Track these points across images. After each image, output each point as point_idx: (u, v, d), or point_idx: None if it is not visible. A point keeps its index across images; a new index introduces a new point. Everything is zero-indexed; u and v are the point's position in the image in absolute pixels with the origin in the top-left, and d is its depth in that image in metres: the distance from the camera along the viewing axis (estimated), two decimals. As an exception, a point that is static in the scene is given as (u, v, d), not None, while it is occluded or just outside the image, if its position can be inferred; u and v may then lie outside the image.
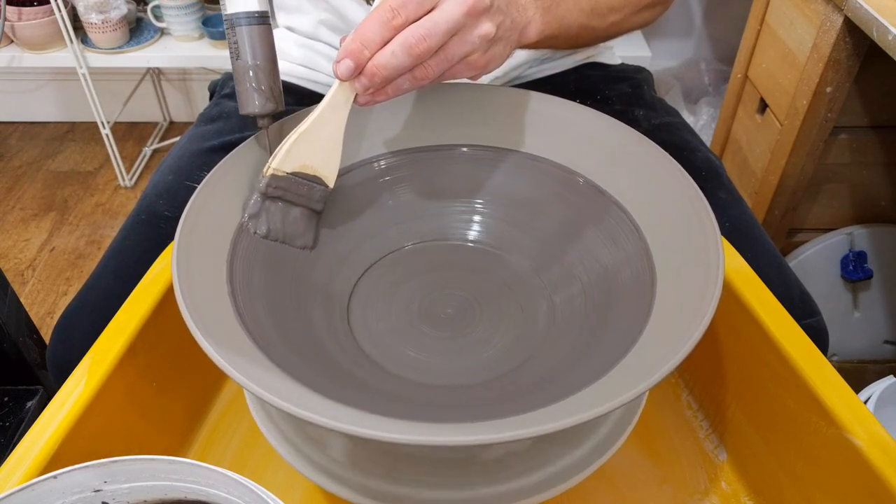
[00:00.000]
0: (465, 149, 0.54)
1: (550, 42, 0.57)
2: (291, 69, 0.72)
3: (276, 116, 0.48)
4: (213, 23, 1.53)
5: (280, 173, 0.45)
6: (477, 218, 0.54)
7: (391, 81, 0.43)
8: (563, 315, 0.48)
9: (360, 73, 0.42)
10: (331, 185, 0.48)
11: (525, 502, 0.39)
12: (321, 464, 0.41)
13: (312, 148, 0.46)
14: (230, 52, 0.46)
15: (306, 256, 0.49)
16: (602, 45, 0.76)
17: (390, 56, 0.41)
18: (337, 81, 0.43)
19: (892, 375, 0.91)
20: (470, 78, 0.47)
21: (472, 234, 0.54)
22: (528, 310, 0.49)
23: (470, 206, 0.54)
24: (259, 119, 0.47)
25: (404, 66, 0.41)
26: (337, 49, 0.69)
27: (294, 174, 0.46)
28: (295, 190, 0.46)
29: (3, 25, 1.48)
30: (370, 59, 0.41)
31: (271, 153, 0.46)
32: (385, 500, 0.40)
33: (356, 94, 0.44)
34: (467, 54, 0.44)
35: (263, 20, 0.46)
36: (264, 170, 0.45)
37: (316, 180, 0.47)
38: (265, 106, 0.46)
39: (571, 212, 0.51)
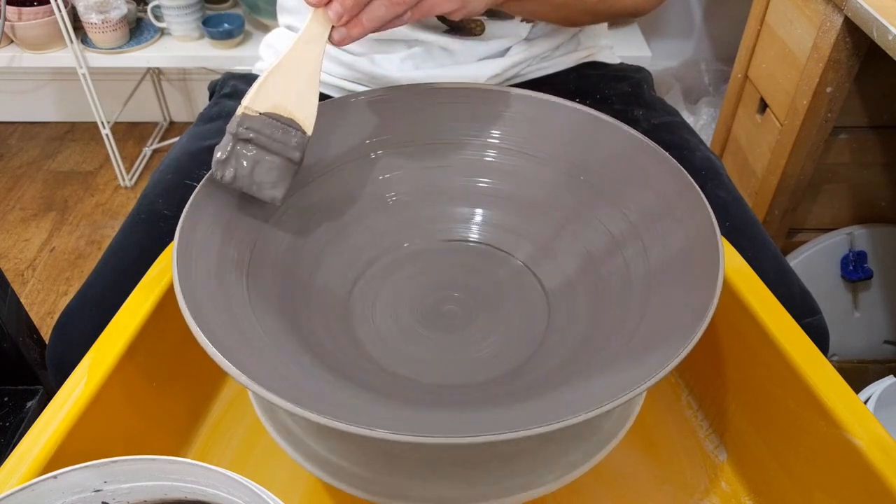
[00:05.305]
0: (464, 149, 0.54)
1: (534, 6, 0.55)
2: (291, 69, 0.72)
3: None
4: (213, 23, 1.53)
5: (252, 113, 0.42)
6: (477, 217, 0.54)
7: (364, 6, 0.42)
8: (562, 315, 0.48)
9: None
10: (308, 130, 0.44)
11: (521, 496, 0.39)
12: (324, 459, 0.41)
13: (286, 86, 0.43)
14: None
15: (308, 256, 0.48)
16: (601, 44, 0.76)
17: None
18: (310, 14, 0.42)
19: (892, 375, 0.91)
20: (449, 14, 0.46)
21: (472, 233, 0.54)
22: (528, 309, 0.49)
23: (470, 205, 0.54)
24: None
25: None
26: (338, 48, 0.69)
27: (268, 115, 0.43)
28: (269, 133, 0.43)
29: (3, 25, 1.47)
30: None
31: None
32: (386, 495, 0.40)
33: (331, 30, 0.42)
34: None
35: None
36: (237, 111, 0.43)
37: (292, 124, 0.44)
38: None
39: (570, 212, 0.51)
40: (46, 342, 0.88)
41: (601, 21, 0.67)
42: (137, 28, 1.60)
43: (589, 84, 0.71)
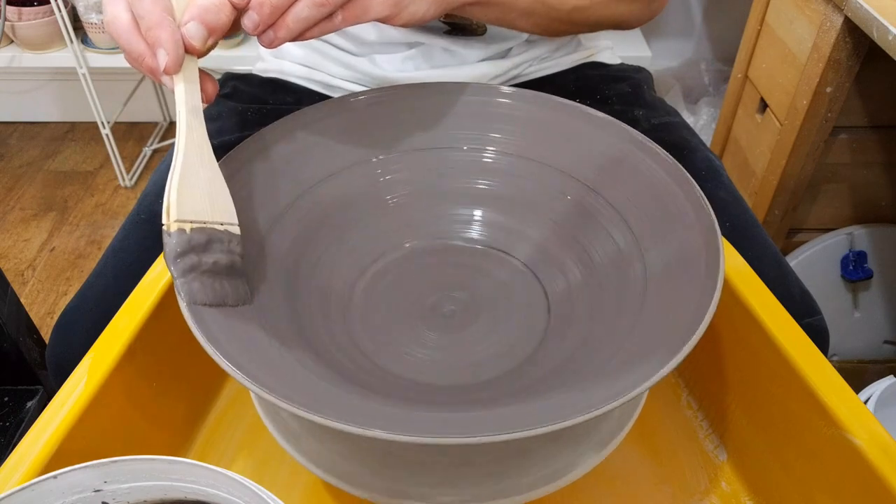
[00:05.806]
0: (464, 149, 0.54)
1: (499, 13, 0.53)
2: (292, 69, 0.72)
3: None
4: (213, 23, 1.53)
5: (184, 227, 0.38)
6: (477, 218, 0.54)
7: (286, 10, 0.39)
8: (562, 315, 0.48)
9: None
10: (235, 221, 0.41)
11: (522, 497, 0.39)
12: (325, 459, 0.41)
13: (199, 184, 0.39)
14: None
15: (308, 257, 0.48)
16: (602, 44, 0.76)
17: None
18: (175, 85, 0.40)
19: (892, 375, 0.91)
20: (385, 21, 0.43)
21: (472, 233, 0.54)
22: (528, 310, 0.49)
23: (469, 205, 0.54)
24: None
25: None
26: (339, 49, 0.69)
27: (195, 223, 0.39)
28: (207, 245, 0.39)
29: (3, 25, 1.48)
30: None
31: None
32: (385, 495, 0.40)
33: (201, 94, 0.40)
34: None
35: None
36: (168, 236, 0.37)
37: (219, 224, 0.40)
38: None
39: (571, 211, 0.51)
40: (46, 342, 0.88)
41: (583, 32, 0.64)
42: (137, 28, 1.60)
43: (589, 84, 0.71)
